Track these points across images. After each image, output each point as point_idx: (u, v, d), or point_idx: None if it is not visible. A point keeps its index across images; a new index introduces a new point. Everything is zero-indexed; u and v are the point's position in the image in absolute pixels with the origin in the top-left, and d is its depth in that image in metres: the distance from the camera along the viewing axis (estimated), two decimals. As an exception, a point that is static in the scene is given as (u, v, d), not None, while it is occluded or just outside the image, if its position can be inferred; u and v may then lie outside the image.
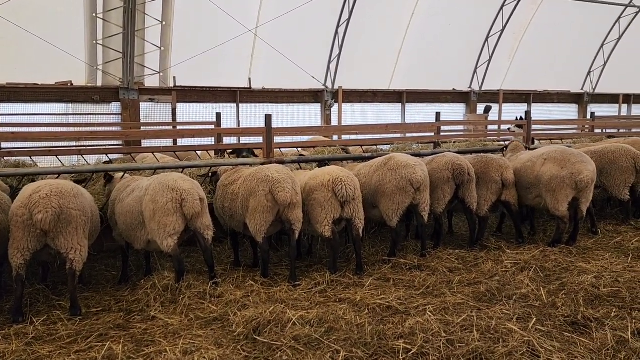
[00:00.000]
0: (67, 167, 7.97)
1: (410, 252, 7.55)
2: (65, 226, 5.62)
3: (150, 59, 15.65)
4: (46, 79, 14.52)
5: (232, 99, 17.09)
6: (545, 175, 7.88)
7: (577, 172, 7.65)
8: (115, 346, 4.81)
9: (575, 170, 7.66)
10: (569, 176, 7.66)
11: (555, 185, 7.76)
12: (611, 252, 7.47)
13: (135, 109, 15.24)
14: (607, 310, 5.36)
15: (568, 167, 7.72)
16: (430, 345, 4.62)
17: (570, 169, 7.68)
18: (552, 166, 7.85)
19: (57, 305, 5.96)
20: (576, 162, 7.73)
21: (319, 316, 5.26)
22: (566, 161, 7.78)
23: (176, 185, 6.18)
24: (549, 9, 20.75)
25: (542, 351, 4.50)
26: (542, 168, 7.95)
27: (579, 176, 7.61)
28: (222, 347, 4.79)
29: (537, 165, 8.04)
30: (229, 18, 15.44)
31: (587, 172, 7.65)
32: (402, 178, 7.24)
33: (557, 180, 7.74)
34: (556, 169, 7.79)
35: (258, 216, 6.59)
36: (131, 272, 7.16)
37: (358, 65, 18.66)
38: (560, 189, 7.73)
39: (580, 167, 7.68)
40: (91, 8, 14.45)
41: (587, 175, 7.63)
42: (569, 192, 7.70)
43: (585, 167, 7.71)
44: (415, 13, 18.95)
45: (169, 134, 13.45)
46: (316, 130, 13.04)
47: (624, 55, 23.12)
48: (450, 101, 21.01)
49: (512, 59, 21.68)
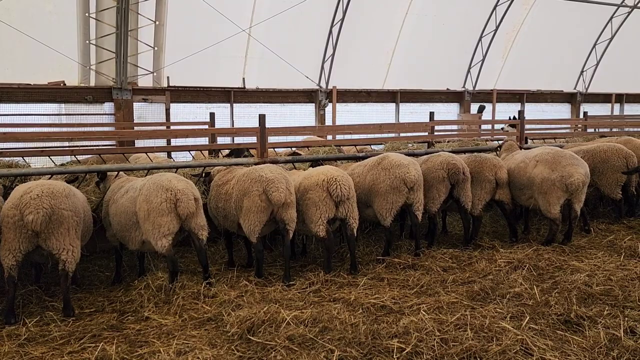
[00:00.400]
0: (59, 167, 7.92)
1: (404, 252, 7.56)
2: (57, 227, 5.59)
3: (143, 58, 15.58)
4: (39, 79, 14.42)
5: (226, 99, 17.05)
6: (537, 177, 7.86)
7: (567, 174, 7.61)
8: (108, 347, 4.80)
9: (565, 172, 7.62)
10: (559, 179, 7.63)
11: (547, 188, 7.74)
12: (604, 250, 7.51)
13: (129, 109, 15.17)
14: (600, 308, 5.39)
15: (558, 169, 7.68)
16: (424, 344, 4.63)
17: (561, 172, 7.65)
18: (544, 168, 7.82)
19: (49, 306, 5.93)
20: (567, 165, 7.69)
21: (313, 316, 5.26)
22: (557, 163, 7.74)
23: (170, 185, 6.16)
24: (542, 8, 20.84)
25: (535, 349, 4.52)
26: (534, 170, 7.93)
27: (570, 179, 7.58)
28: (216, 348, 4.78)
29: (530, 167, 8.03)
30: (223, 18, 15.39)
31: (577, 175, 7.60)
32: (395, 177, 7.25)
33: (548, 182, 7.72)
34: (547, 172, 7.76)
35: (252, 216, 6.58)
36: (124, 273, 7.13)
37: (352, 65, 18.66)
38: (552, 191, 7.71)
39: (571, 170, 7.63)
40: (84, 8, 14.37)
41: (577, 178, 7.58)
42: (560, 194, 7.68)
43: (576, 169, 7.65)
44: (408, 13, 18.97)
45: (163, 134, 13.39)
46: (310, 130, 13.02)
47: (617, 55, 23.24)
48: (444, 101, 21.05)
49: (505, 58, 21.76)
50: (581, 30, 22.36)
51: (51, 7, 14.12)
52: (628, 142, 9.78)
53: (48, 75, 14.54)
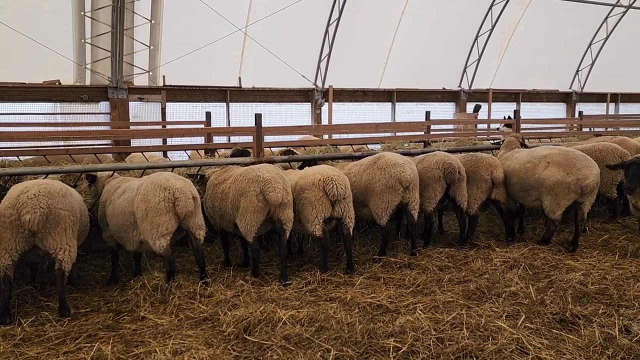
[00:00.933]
0: (55, 166, 7.89)
1: (401, 251, 7.57)
2: (54, 226, 5.58)
3: (139, 57, 15.54)
4: (34, 78, 14.36)
5: (222, 98, 17.03)
6: (548, 179, 7.64)
7: (583, 177, 7.43)
8: (104, 347, 4.79)
9: (581, 175, 7.45)
10: (574, 182, 7.45)
11: (559, 191, 7.56)
12: (599, 249, 7.55)
13: (124, 108, 15.13)
14: (595, 307, 5.42)
15: (574, 172, 7.49)
16: (421, 343, 4.64)
17: (577, 175, 7.46)
18: (557, 170, 7.60)
19: (45, 306, 5.91)
20: (582, 167, 7.51)
21: (310, 315, 5.26)
22: (571, 166, 7.54)
23: (168, 184, 6.13)
24: (538, 8, 20.90)
25: (531, 348, 4.54)
26: (545, 171, 7.71)
27: (585, 181, 7.41)
28: (212, 347, 4.77)
29: (540, 168, 7.80)
30: (219, 17, 15.37)
31: (592, 177, 7.45)
32: (391, 177, 7.26)
33: (562, 185, 7.52)
34: (561, 174, 7.54)
35: (249, 216, 6.57)
36: (120, 272, 7.11)
37: (348, 64, 18.67)
38: (565, 194, 7.53)
39: (586, 172, 7.46)
40: (79, 6, 14.32)
41: (593, 180, 7.46)
42: (573, 196, 7.52)
43: (591, 171, 7.50)
44: (405, 12, 18.99)
45: (159, 133, 13.35)
46: (306, 130, 13.04)
47: (612, 54, 23.33)
48: (440, 100, 21.08)
49: (501, 58, 21.81)
50: (576, 30, 22.44)
51: (47, 6, 14.07)
52: (623, 142, 9.84)
53: (43, 74, 14.48)
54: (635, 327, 4.92)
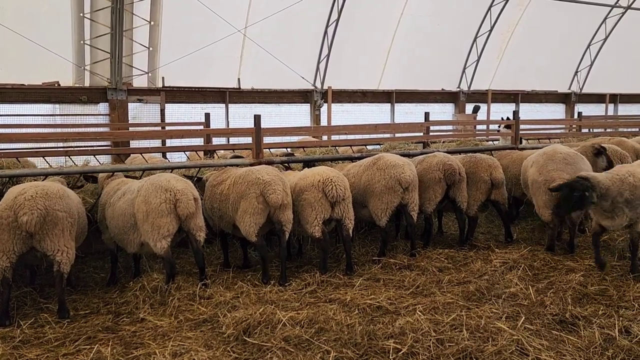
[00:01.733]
0: (54, 168, 7.88)
1: (400, 252, 7.57)
2: (52, 228, 5.56)
3: (138, 59, 15.52)
4: (33, 80, 14.33)
5: (221, 100, 17.01)
6: (528, 178, 7.80)
7: (550, 179, 7.33)
8: (103, 349, 4.78)
9: (549, 177, 7.37)
10: (543, 182, 7.42)
11: (535, 190, 7.64)
12: (598, 250, 7.54)
13: (124, 110, 15.11)
14: (595, 308, 5.42)
15: (544, 173, 7.47)
16: (420, 344, 4.64)
17: (545, 176, 7.42)
18: (534, 170, 7.67)
19: (44, 308, 5.90)
20: (551, 170, 7.39)
21: (309, 317, 5.25)
22: (544, 167, 7.51)
23: (170, 185, 6.12)
24: (536, 9, 20.90)
25: (531, 349, 4.53)
26: (530, 170, 7.83)
27: (552, 184, 7.17)
28: (212, 349, 4.77)
29: (527, 167, 7.94)
30: (218, 18, 15.36)
31: (559, 180, 7.07)
32: (390, 178, 7.26)
33: (535, 185, 7.60)
34: (535, 174, 7.60)
35: (249, 218, 6.56)
36: (120, 274, 7.10)
37: (347, 65, 18.66)
38: (539, 194, 7.54)
39: (554, 175, 7.32)
40: (78, 8, 14.31)
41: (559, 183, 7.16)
42: (546, 198, 7.38)
43: (559, 175, 7.26)
44: (404, 13, 18.99)
45: (158, 134, 13.36)
46: (305, 131, 13.02)
47: (611, 55, 23.33)
48: (439, 101, 21.09)
49: (500, 59, 21.81)
50: (575, 30, 22.45)
51: (46, 7, 14.05)
52: (622, 143, 9.83)
53: (42, 75, 14.45)
54: (635, 328, 4.92)
